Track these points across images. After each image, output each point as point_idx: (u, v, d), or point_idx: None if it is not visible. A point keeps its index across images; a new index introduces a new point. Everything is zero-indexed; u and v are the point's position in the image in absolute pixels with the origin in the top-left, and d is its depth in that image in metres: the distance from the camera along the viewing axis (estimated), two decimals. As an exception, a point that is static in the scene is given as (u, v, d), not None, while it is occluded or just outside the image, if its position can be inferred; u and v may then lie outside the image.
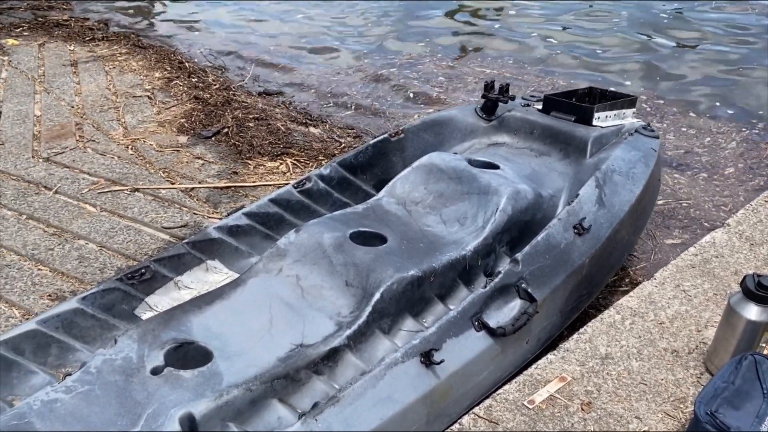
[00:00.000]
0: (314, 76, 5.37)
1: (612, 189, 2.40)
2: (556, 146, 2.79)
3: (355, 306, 2.01)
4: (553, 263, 2.10)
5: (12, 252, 2.81)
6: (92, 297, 2.01)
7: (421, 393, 1.75)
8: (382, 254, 2.13)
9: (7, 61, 5.10)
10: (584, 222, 2.23)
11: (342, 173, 2.73)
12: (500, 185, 2.38)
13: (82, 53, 5.37)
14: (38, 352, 1.89)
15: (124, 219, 3.06)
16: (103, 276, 2.66)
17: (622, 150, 2.61)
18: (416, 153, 2.81)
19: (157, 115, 4.24)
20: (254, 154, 3.75)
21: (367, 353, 1.93)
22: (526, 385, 1.95)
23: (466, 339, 1.88)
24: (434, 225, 2.37)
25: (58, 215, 3.08)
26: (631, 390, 1.94)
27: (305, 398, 1.79)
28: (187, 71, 5.02)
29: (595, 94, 3.06)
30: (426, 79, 5.25)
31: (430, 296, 2.11)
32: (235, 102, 4.49)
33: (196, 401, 1.63)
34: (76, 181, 3.39)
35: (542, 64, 5.49)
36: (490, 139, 2.92)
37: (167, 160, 3.65)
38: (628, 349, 2.09)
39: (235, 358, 1.81)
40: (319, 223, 2.26)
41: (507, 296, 2.01)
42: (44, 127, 4.01)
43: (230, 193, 3.34)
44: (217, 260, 2.32)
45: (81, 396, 1.65)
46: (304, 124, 4.33)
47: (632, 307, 2.26)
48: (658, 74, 5.22)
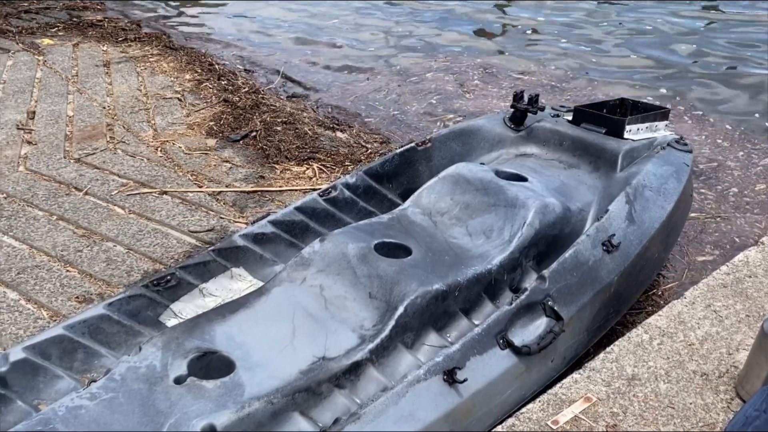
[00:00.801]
0: (344, 81, 5.38)
1: (643, 205, 2.35)
2: (585, 159, 2.75)
3: (378, 319, 1.99)
4: (580, 281, 2.07)
5: (42, 253, 2.85)
6: (118, 303, 2.03)
7: (443, 411, 1.73)
8: (407, 267, 2.11)
9: (42, 60, 5.19)
10: (613, 239, 2.19)
11: (368, 182, 2.72)
12: (528, 198, 2.34)
13: (115, 54, 5.44)
14: (64, 357, 1.91)
15: (152, 222, 3.09)
16: (129, 279, 2.69)
17: (654, 164, 2.55)
18: (443, 162, 2.79)
19: (187, 117, 4.28)
20: (281, 159, 3.77)
21: (390, 368, 1.92)
22: (550, 405, 1.92)
23: (490, 357, 1.86)
24: (460, 237, 2.35)
25: (87, 217, 3.12)
26: (659, 413, 1.89)
27: (326, 412, 1.78)
28: (217, 74, 5.06)
29: (626, 105, 3.00)
30: (457, 87, 5.22)
31: (455, 311, 2.09)
32: (264, 105, 4.51)
33: (218, 413, 1.63)
34: (105, 182, 3.43)
35: (575, 74, 5.42)
36: (518, 149, 2.89)
37: (195, 163, 3.68)
38: (656, 370, 2.04)
39: (258, 369, 1.81)
40: (343, 233, 2.25)
41: (533, 314, 1.98)
42: (76, 128, 4.08)
43: (257, 198, 3.35)
44: (242, 267, 2.33)
45: (105, 403, 1.66)
46: (332, 128, 4.33)
47: (661, 326, 2.21)
48: (696, 85, 5.12)
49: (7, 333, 2.39)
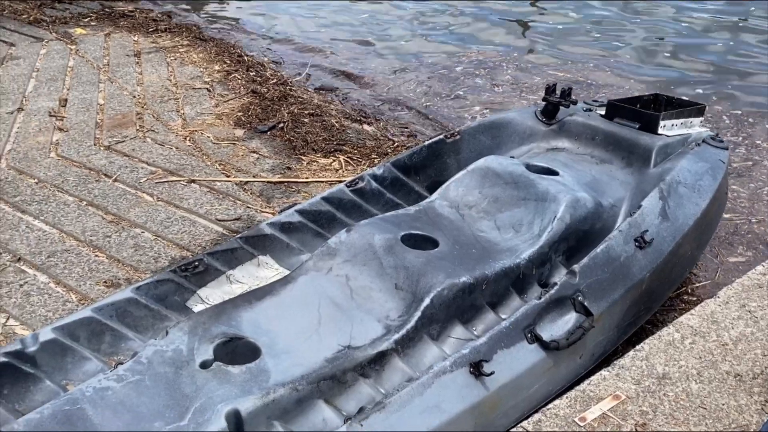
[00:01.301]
0: (372, 73, 5.36)
1: (677, 201, 2.30)
2: (618, 154, 2.70)
3: (404, 310, 1.98)
4: (611, 276, 2.03)
5: (72, 237, 2.89)
6: (146, 287, 2.04)
7: (469, 404, 1.71)
8: (434, 259, 2.09)
9: (74, 49, 5.26)
10: (646, 235, 2.15)
11: (395, 173, 2.71)
12: (559, 192, 2.31)
13: (146, 44, 5.49)
14: (92, 338, 1.93)
15: (180, 209, 3.11)
16: (157, 265, 2.71)
17: (689, 161, 2.50)
18: (472, 156, 2.76)
19: (215, 107, 4.30)
20: (308, 150, 3.76)
21: (415, 359, 1.90)
22: (577, 401, 1.88)
23: (517, 351, 1.83)
24: (488, 231, 2.32)
25: (116, 203, 3.15)
26: (690, 413, 1.85)
27: (351, 401, 1.77)
28: (245, 65, 5.08)
29: (660, 101, 2.95)
30: (488, 80, 5.18)
31: (481, 304, 2.06)
32: (292, 97, 4.51)
33: (243, 398, 1.63)
34: (135, 170, 3.46)
35: (607, 71, 5.34)
36: (550, 143, 2.85)
37: (223, 152, 3.69)
38: (688, 370, 2.00)
39: (283, 356, 1.80)
40: (370, 224, 2.24)
41: (562, 309, 1.95)
42: (107, 116, 4.12)
43: (283, 188, 3.36)
44: (268, 256, 2.33)
45: (131, 385, 1.67)
46: (359, 121, 4.32)
47: (693, 325, 2.16)
48: (734, 83, 5.01)
49: (37, 315, 2.42)
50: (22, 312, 2.43)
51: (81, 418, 1.58)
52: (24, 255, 2.75)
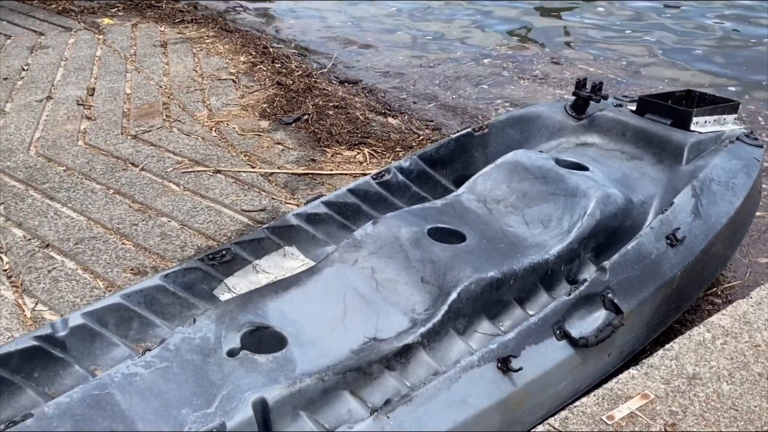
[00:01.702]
0: (398, 66, 5.34)
1: (709, 199, 2.26)
2: (649, 150, 2.65)
3: (430, 304, 1.96)
4: (642, 274, 2.00)
5: (99, 225, 2.91)
6: (174, 275, 2.05)
7: (495, 399, 1.69)
8: (461, 253, 2.07)
9: (102, 39, 5.30)
10: (678, 233, 2.11)
11: (422, 166, 2.69)
12: (589, 188, 2.27)
13: (172, 34, 5.52)
14: (120, 325, 1.94)
15: (206, 199, 3.13)
16: (183, 254, 2.72)
17: (722, 158, 2.45)
18: (499, 149, 2.73)
19: (241, 98, 4.31)
20: (332, 143, 3.76)
21: (441, 353, 1.89)
22: (605, 400, 1.86)
23: (545, 347, 1.81)
24: (516, 225, 2.30)
25: (143, 192, 3.17)
26: (721, 415, 1.82)
27: (376, 393, 1.77)
28: (271, 56, 5.09)
29: (693, 97, 2.89)
30: (515, 74, 5.13)
31: (509, 299, 2.04)
32: (317, 89, 4.51)
33: (270, 387, 1.63)
34: (161, 159, 3.48)
35: (643, 65, 5.26)
36: (579, 138, 2.81)
37: (249, 144, 3.70)
38: (719, 370, 1.96)
39: (309, 346, 1.80)
40: (396, 217, 2.22)
41: (591, 306, 1.92)
42: (133, 105, 4.15)
43: (307, 180, 3.36)
44: (294, 246, 2.33)
45: (159, 372, 1.68)
46: (383, 114, 4.31)
47: (724, 326, 2.12)
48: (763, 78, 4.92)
49: (65, 300, 2.45)
50: (51, 297, 2.46)
51: (110, 402, 1.59)
52: (52, 241, 2.79)
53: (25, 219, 2.93)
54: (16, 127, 3.81)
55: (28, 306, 2.42)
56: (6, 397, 1.74)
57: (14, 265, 2.63)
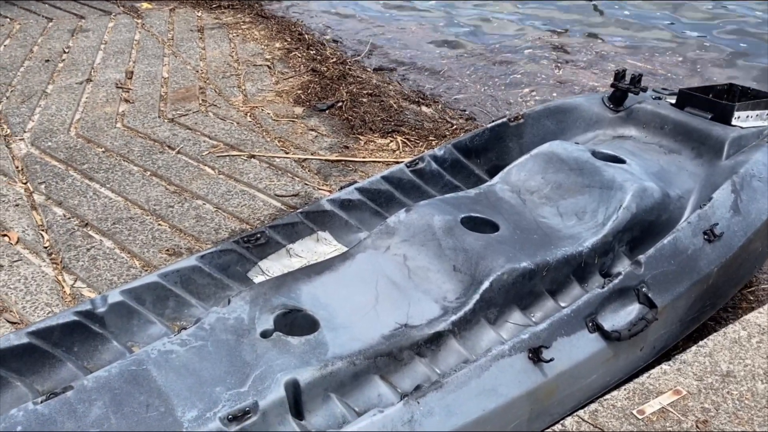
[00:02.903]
0: (433, 56, 5.32)
1: (750, 195, 2.21)
2: (688, 144, 2.61)
3: (462, 292, 1.97)
4: (678, 269, 1.97)
5: (136, 206, 2.97)
6: (210, 256, 2.09)
7: (525, 389, 1.69)
8: (494, 242, 2.07)
9: (141, 23, 5.38)
10: (716, 228, 2.07)
11: (456, 156, 2.68)
12: (625, 181, 2.25)
13: (209, 20, 5.57)
14: (157, 303, 1.99)
15: (240, 183, 3.16)
16: (217, 236, 2.77)
17: (764, 154, 2.40)
18: (535, 140, 2.71)
19: (276, 84, 4.34)
20: (366, 130, 3.77)
21: (471, 341, 1.90)
22: (636, 394, 1.85)
23: (578, 339, 1.80)
24: (550, 217, 2.28)
25: (179, 174, 3.22)
26: (755, 414, 1.79)
27: (406, 378, 1.78)
28: (306, 43, 5.10)
29: (735, 91, 2.83)
30: (552, 65, 5.07)
31: (541, 291, 2.04)
32: (351, 77, 4.52)
33: (302, 368, 1.66)
34: (197, 143, 3.53)
35: (682, 58, 5.15)
36: (616, 131, 2.77)
37: (283, 129, 3.73)
38: (754, 369, 1.93)
39: (341, 330, 1.82)
40: (429, 205, 2.23)
41: (625, 299, 1.91)
42: (170, 89, 4.21)
43: (340, 167, 3.37)
44: (327, 232, 2.35)
45: (194, 350, 1.72)
46: (417, 102, 4.30)
47: (761, 324, 2.09)
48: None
49: (103, 278, 2.51)
50: (89, 275, 2.52)
51: (146, 378, 1.63)
52: (91, 221, 2.85)
53: (65, 198, 3.00)
54: (57, 109, 3.89)
55: (68, 283, 2.48)
56: (47, 370, 1.79)
57: (54, 243, 2.70)
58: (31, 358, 1.78)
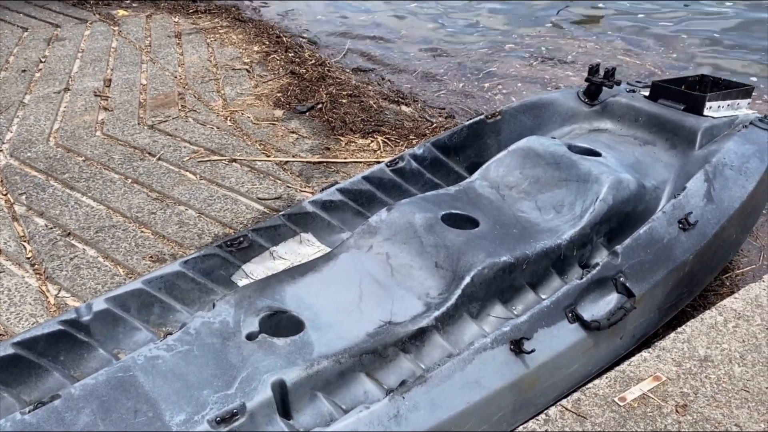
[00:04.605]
0: (410, 54, 5.35)
1: (722, 184, 2.26)
2: (662, 135, 2.66)
3: (444, 288, 2.00)
4: (654, 258, 2.02)
5: (118, 213, 2.97)
6: (193, 261, 2.10)
7: (508, 380, 1.73)
8: (474, 238, 2.10)
9: (117, 31, 5.36)
10: (690, 217, 2.12)
11: (435, 154, 2.71)
12: (601, 173, 2.29)
13: (186, 25, 5.56)
14: (142, 310, 2.00)
15: (222, 188, 3.17)
16: (201, 241, 2.77)
17: (735, 143, 2.45)
18: (512, 136, 2.75)
19: (255, 88, 4.35)
20: (346, 131, 3.79)
21: (455, 336, 1.93)
22: (617, 382, 1.89)
23: (558, 330, 1.84)
24: (528, 211, 2.32)
25: (160, 181, 3.22)
26: (732, 396, 1.84)
27: (392, 375, 1.81)
28: (284, 46, 5.11)
29: (706, 82, 2.89)
30: (533, 62, 5.12)
31: (521, 284, 2.07)
32: (330, 78, 4.54)
33: (288, 369, 1.68)
34: (177, 149, 3.53)
35: (657, 50, 5.22)
36: (592, 124, 2.82)
37: (263, 133, 3.74)
38: (730, 353, 1.98)
39: (326, 330, 1.84)
40: (410, 203, 2.26)
41: (603, 289, 1.95)
42: (149, 96, 4.20)
43: (322, 168, 3.39)
44: (310, 233, 2.37)
45: (181, 355, 1.73)
46: (396, 102, 4.33)
47: (737, 309, 2.14)
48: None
49: (87, 287, 2.51)
50: (73, 284, 2.52)
51: (133, 384, 1.64)
52: (73, 230, 2.85)
53: (47, 208, 3.00)
54: (35, 119, 3.87)
55: (52, 293, 2.48)
56: (34, 380, 1.80)
57: (37, 253, 2.70)
58: (17, 369, 1.79)
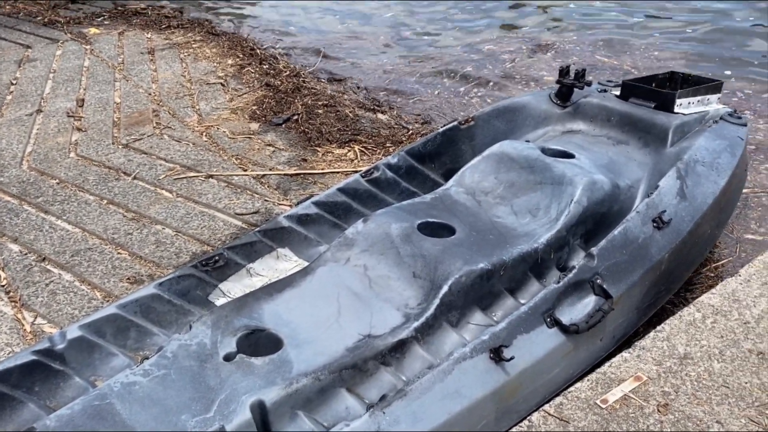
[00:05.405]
0: (385, 61, 5.35)
1: (695, 180, 2.28)
2: (634, 134, 2.68)
3: (423, 298, 1.99)
4: (630, 258, 2.02)
5: (94, 236, 2.93)
6: (168, 283, 2.08)
7: (489, 389, 1.72)
8: (451, 246, 2.10)
9: (89, 49, 5.31)
10: (664, 215, 2.13)
11: (410, 162, 2.71)
12: (575, 175, 2.30)
13: (159, 41, 5.53)
14: (118, 335, 1.97)
15: (199, 205, 3.15)
16: (178, 260, 2.75)
17: (706, 139, 2.47)
18: (486, 141, 2.75)
19: (230, 102, 4.33)
20: (323, 141, 3.78)
21: (435, 346, 1.92)
22: (599, 384, 1.89)
23: (537, 335, 1.84)
24: (505, 216, 2.32)
25: (136, 200, 3.19)
26: (712, 393, 1.85)
27: (373, 389, 1.80)
28: (258, 58, 5.09)
29: (676, 79, 2.91)
30: (498, 66, 5.14)
31: (500, 290, 2.07)
32: (305, 89, 4.53)
33: (267, 389, 1.66)
34: (153, 167, 3.50)
35: (626, 49, 5.27)
36: (565, 126, 2.83)
37: (239, 147, 3.72)
38: (709, 349, 1.99)
39: (305, 347, 1.83)
40: (386, 213, 2.25)
41: (581, 292, 1.95)
42: (123, 114, 4.16)
43: (300, 180, 3.38)
44: (287, 248, 2.35)
45: (158, 380, 1.71)
46: (372, 110, 4.33)
47: (714, 305, 2.15)
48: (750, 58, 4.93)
49: (64, 313, 2.47)
50: (50, 310, 2.48)
51: (110, 412, 1.61)
52: (48, 254, 2.81)
53: (21, 234, 2.95)
54: (7, 142, 3.82)
55: (28, 320, 2.44)
56: (8, 413, 1.77)
57: (12, 280, 2.65)
58: (-9, 402, 1.76)
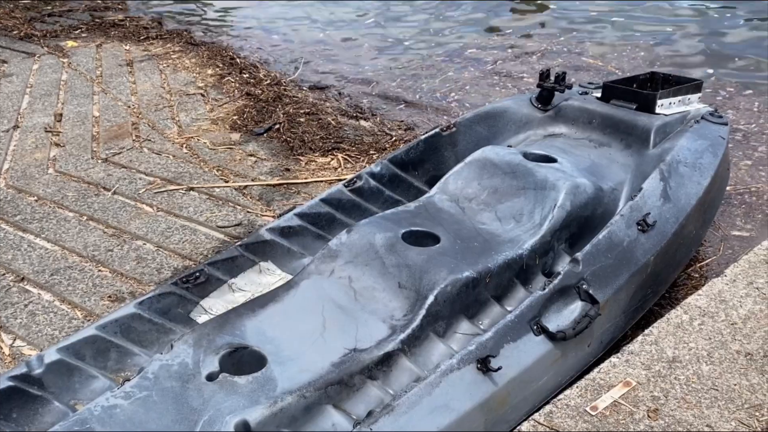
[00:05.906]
0: (366, 68, 5.33)
1: (678, 181, 2.28)
2: (616, 136, 2.67)
3: (409, 309, 1.97)
4: (615, 262, 2.01)
5: (74, 253, 2.88)
6: (149, 301, 2.04)
7: (478, 400, 1.70)
8: (435, 255, 2.08)
9: (67, 62, 5.25)
10: (648, 218, 2.12)
11: (393, 170, 2.69)
12: (558, 179, 2.29)
13: (137, 52, 5.47)
14: (98, 356, 1.93)
15: (180, 218, 3.10)
16: (160, 276, 2.70)
17: (688, 139, 2.47)
18: (469, 147, 2.74)
19: (210, 112, 4.28)
20: (306, 150, 3.75)
21: (422, 357, 1.89)
22: (588, 390, 1.87)
23: (524, 344, 1.82)
24: (489, 222, 2.30)
25: (116, 216, 3.14)
26: (702, 396, 1.84)
27: (359, 404, 1.76)
28: (238, 67, 5.06)
29: (657, 79, 2.92)
30: (478, 71, 5.14)
31: (486, 298, 2.05)
32: (287, 97, 4.50)
33: (251, 408, 1.63)
34: (133, 181, 3.45)
35: (610, 50, 5.28)
36: (547, 130, 2.82)
37: (221, 158, 3.68)
38: (698, 351, 1.98)
39: (289, 363, 1.80)
40: (370, 223, 2.22)
41: (567, 298, 1.93)
42: (102, 128, 4.11)
43: (282, 190, 3.34)
44: (270, 261, 2.32)
45: (139, 402, 1.67)
46: (355, 117, 4.30)
47: (701, 306, 2.14)
48: (731, 56, 4.96)
49: (44, 334, 2.42)
50: (29, 332, 2.43)
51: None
52: (27, 274, 2.75)
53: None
54: (-16, 160, 3.76)
55: (6, 343, 2.39)
56: (-15, 441, 1.72)
57: (-10, 302, 2.60)
58: (-33, 431, 1.71)
